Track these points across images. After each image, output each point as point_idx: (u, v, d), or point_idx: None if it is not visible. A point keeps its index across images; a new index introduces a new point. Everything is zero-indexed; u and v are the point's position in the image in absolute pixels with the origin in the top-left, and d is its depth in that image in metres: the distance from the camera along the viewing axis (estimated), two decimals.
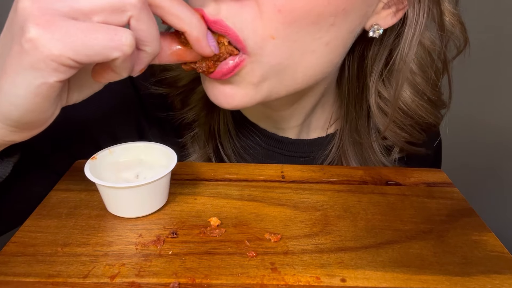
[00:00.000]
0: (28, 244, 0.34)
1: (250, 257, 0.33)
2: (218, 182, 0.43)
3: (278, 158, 0.51)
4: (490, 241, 0.36)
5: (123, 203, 0.36)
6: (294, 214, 0.38)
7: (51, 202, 0.39)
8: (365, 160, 0.50)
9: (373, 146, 0.49)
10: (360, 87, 0.47)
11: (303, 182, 0.43)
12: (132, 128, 0.51)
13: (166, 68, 0.50)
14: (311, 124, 0.52)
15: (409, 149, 0.49)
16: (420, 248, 0.35)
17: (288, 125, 0.51)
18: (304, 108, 0.49)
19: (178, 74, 0.49)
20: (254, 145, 0.51)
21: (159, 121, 0.51)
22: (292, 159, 0.52)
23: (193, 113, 0.50)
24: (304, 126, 0.51)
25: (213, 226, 0.36)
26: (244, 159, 0.51)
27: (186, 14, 0.31)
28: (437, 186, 0.43)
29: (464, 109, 0.94)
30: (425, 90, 0.44)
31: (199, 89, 0.49)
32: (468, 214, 0.39)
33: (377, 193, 0.42)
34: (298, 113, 0.49)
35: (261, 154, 0.52)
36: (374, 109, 0.46)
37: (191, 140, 0.50)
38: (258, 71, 0.37)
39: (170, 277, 0.31)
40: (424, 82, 0.44)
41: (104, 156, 0.40)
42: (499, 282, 0.31)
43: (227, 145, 0.50)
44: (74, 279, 0.30)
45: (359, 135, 0.49)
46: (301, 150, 0.52)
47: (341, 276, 0.31)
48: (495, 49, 0.94)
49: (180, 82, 0.49)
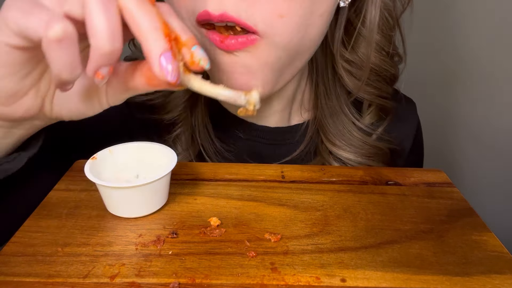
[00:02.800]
0: (28, 244, 0.34)
1: (250, 257, 0.33)
2: (218, 182, 0.43)
3: (258, 147, 0.52)
4: (490, 241, 0.36)
5: (123, 203, 0.36)
6: (294, 214, 0.38)
7: (51, 202, 0.39)
8: (342, 133, 0.51)
9: (347, 112, 0.51)
10: (325, 57, 0.50)
11: (303, 182, 0.43)
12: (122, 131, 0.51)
13: None
14: (292, 110, 0.53)
15: (381, 102, 0.51)
16: (420, 248, 0.35)
17: (270, 111, 0.51)
18: (285, 93, 0.50)
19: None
20: (234, 140, 0.52)
21: (142, 122, 0.52)
22: (272, 147, 0.52)
23: (173, 115, 0.50)
24: (284, 112, 0.52)
25: (213, 226, 0.36)
26: (225, 159, 0.52)
27: (147, 24, 0.29)
28: (437, 186, 0.43)
29: (464, 109, 0.94)
30: (384, 46, 0.48)
31: (178, 91, 0.50)
32: (468, 214, 0.39)
33: (377, 193, 0.42)
34: (280, 96, 0.50)
35: (242, 149, 0.52)
36: (343, 75, 0.49)
37: (172, 141, 0.51)
38: (273, 51, 0.38)
39: (170, 277, 0.31)
40: (383, 39, 0.47)
41: (104, 156, 0.40)
42: (499, 282, 0.31)
43: (208, 147, 0.51)
44: (74, 279, 0.30)
45: (332, 102, 0.51)
46: (280, 138, 0.52)
47: (341, 276, 0.31)
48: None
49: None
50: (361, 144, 0.50)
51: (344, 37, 0.48)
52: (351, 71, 0.49)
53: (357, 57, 0.48)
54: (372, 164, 0.51)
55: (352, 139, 0.51)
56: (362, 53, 0.47)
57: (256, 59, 0.38)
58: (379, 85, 0.50)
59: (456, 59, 0.91)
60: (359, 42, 0.47)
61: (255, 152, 0.52)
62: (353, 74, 0.49)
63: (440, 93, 0.94)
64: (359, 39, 0.47)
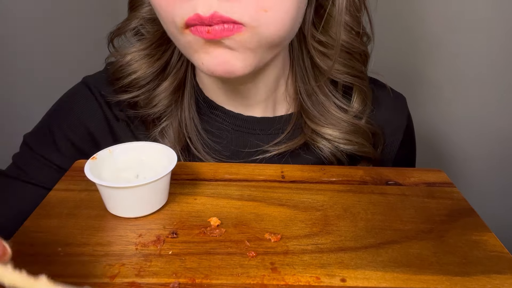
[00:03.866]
0: (28, 244, 0.33)
1: (250, 257, 0.33)
2: (218, 182, 0.43)
3: (246, 136, 0.52)
4: (490, 241, 0.36)
5: (123, 203, 0.36)
6: (294, 214, 0.38)
7: (51, 202, 0.39)
8: (321, 113, 0.52)
9: (326, 91, 0.53)
10: (298, 41, 0.52)
11: (303, 182, 0.43)
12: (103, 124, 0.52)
13: (122, 74, 0.51)
14: (277, 99, 0.54)
15: (356, 82, 0.53)
16: (420, 248, 0.35)
17: (255, 99, 0.52)
18: (268, 79, 0.51)
19: (137, 77, 0.51)
20: (221, 132, 0.52)
21: (126, 121, 0.52)
22: (260, 136, 0.53)
23: (159, 109, 0.51)
24: (269, 101, 0.53)
25: (213, 226, 0.36)
26: (213, 150, 0.52)
27: None
28: (437, 186, 0.43)
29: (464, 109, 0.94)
30: (353, 26, 0.50)
31: (163, 86, 0.51)
32: (468, 214, 0.39)
33: (377, 193, 0.42)
34: (263, 84, 0.51)
35: (230, 140, 0.52)
36: (315, 55, 0.51)
37: (159, 135, 0.51)
38: (255, 40, 0.40)
39: (170, 277, 0.31)
40: (352, 19, 0.50)
41: (104, 156, 0.40)
42: (499, 282, 0.31)
43: (195, 139, 0.51)
44: (74, 279, 0.30)
45: (310, 83, 0.53)
46: (267, 127, 0.53)
47: (341, 276, 0.31)
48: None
49: (141, 81, 0.51)
50: (339, 122, 0.52)
51: (315, 19, 0.50)
52: (323, 51, 0.51)
53: (329, 37, 0.50)
54: (354, 139, 0.52)
55: (331, 116, 0.52)
56: (333, 32, 0.50)
57: (239, 42, 0.40)
58: (352, 63, 0.52)
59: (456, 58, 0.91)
60: (330, 23, 0.50)
61: (243, 142, 0.52)
62: (325, 54, 0.51)
63: (440, 92, 0.94)
64: (329, 21, 0.50)
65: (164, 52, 0.51)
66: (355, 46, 0.51)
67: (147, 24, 0.50)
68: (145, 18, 0.50)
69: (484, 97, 0.92)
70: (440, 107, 0.94)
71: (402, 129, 0.58)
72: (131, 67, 0.51)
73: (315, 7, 0.50)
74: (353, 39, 0.51)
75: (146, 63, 0.51)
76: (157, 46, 0.51)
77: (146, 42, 0.51)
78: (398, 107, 0.59)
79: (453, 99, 0.93)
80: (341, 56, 0.51)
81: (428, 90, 0.93)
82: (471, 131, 0.95)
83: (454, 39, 0.88)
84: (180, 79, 0.52)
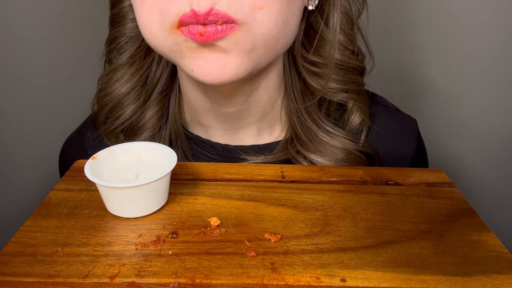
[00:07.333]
0: (28, 244, 0.34)
1: (250, 257, 0.33)
2: (218, 182, 0.43)
3: (233, 160, 0.52)
4: (490, 241, 0.36)
5: (123, 203, 0.36)
6: (294, 214, 0.38)
7: (51, 202, 0.39)
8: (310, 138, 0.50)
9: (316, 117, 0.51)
10: (288, 61, 0.51)
11: (303, 182, 0.43)
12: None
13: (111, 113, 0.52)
14: (271, 121, 0.52)
15: (351, 97, 0.52)
16: (420, 248, 0.35)
17: (246, 121, 0.51)
18: (259, 101, 0.50)
19: (122, 111, 0.51)
20: (206, 159, 0.52)
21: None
22: (249, 159, 0.52)
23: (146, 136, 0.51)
24: (263, 123, 0.52)
25: (213, 226, 0.36)
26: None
27: None
28: (437, 186, 0.43)
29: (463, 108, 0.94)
30: (348, 45, 0.50)
31: (147, 115, 0.51)
32: (468, 214, 0.39)
33: (377, 193, 0.42)
34: (255, 105, 0.50)
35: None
36: (306, 76, 0.50)
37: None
38: (250, 39, 0.39)
39: (170, 277, 0.31)
40: (346, 38, 0.50)
41: (104, 156, 0.40)
42: (499, 282, 0.31)
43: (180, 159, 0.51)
44: (74, 279, 0.30)
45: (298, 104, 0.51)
46: (258, 153, 0.52)
47: (341, 276, 0.31)
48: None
49: (123, 114, 0.51)
50: (328, 148, 0.50)
51: (304, 39, 0.50)
52: (315, 71, 0.50)
53: (321, 57, 0.49)
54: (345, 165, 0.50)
55: (320, 142, 0.50)
56: (325, 52, 0.49)
57: (234, 43, 0.39)
58: (347, 77, 0.51)
59: (456, 58, 0.91)
60: (323, 44, 0.49)
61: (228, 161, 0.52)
62: (316, 74, 0.50)
63: (440, 92, 0.94)
64: (321, 41, 0.49)
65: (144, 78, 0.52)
66: (350, 63, 0.50)
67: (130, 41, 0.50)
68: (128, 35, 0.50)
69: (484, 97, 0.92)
70: (440, 107, 0.94)
71: (408, 159, 0.54)
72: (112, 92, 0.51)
73: (305, 28, 0.49)
74: (347, 57, 0.50)
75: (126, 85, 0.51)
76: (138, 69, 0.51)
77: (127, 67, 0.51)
78: (404, 132, 0.54)
79: (453, 99, 0.93)
80: (335, 73, 0.50)
81: (428, 90, 0.93)
82: (471, 131, 0.95)
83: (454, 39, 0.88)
84: (162, 112, 0.52)
